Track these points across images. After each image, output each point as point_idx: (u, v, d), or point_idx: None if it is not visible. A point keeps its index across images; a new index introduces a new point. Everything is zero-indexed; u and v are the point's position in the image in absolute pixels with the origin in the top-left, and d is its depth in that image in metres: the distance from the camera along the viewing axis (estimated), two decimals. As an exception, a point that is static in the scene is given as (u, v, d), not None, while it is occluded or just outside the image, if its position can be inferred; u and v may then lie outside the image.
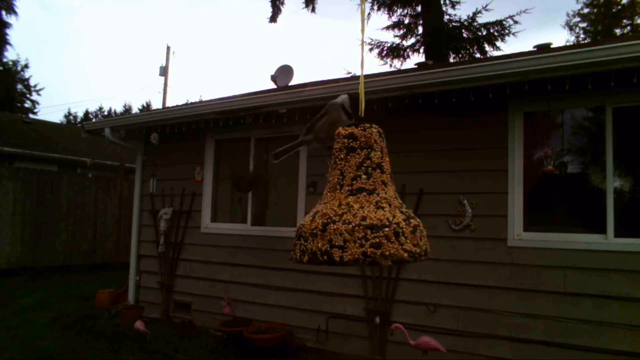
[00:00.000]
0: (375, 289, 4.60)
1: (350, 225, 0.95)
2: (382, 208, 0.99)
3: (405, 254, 0.95)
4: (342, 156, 1.09)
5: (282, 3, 11.68)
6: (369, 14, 11.63)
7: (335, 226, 0.97)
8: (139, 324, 5.08)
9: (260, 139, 5.79)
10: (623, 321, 3.58)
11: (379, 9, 11.74)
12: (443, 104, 4.20)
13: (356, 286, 4.71)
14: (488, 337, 4.06)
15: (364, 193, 1.02)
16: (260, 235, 5.51)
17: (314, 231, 0.99)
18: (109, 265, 10.66)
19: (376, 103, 4.24)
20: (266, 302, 5.35)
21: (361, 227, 0.95)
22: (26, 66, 30.10)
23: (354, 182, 1.05)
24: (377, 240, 0.93)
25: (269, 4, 11.71)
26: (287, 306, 5.18)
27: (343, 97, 1.46)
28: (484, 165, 4.23)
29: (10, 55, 31.71)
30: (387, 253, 0.93)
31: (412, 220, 0.99)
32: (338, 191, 1.06)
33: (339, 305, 4.81)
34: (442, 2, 10.94)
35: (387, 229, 0.94)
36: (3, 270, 9.29)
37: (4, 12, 18.72)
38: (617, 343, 3.58)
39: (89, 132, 6.66)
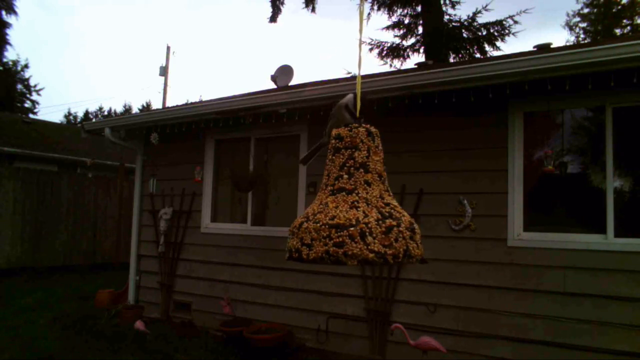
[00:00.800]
0: (375, 289, 4.60)
1: (318, 224, 0.96)
2: (357, 208, 0.98)
3: (371, 255, 0.93)
4: (330, 157, 1.10)
5: (282, 3, 11.69)
6: (369, 14, 11.65)
7: (306, 225, 0.98)
8: (139, 324, 5.08)
9: (260, 139, 5.79)
10: (623, 321, 3.58)
11: (379, 9, 11.74)
12: (443, 104, 4.20)
13: (356, 286, 4.71)
14: (488, 337, 4.06)
15: (343, 193, 1.03)
16: (260, 235, 5.51)
17: (293, 229, 1.02)
18: (109, 265, 10.65)
19: (376, 103, 4.24)
20: (266, 302, 5.35)
21: (326, 226, 0.95)
22: (26, 66, 30.17)
23: (336, 182, 1.06)
24: (341, 239, 0.93)
25: (269, 4, 11.72)
26: (287, 306, 5.18)
27: (348, 97, 1.46)
28: (484, 165, 4.23)
29: (10, 55, 31.79)
30: (350, 253, 0.93)
31: (387, 220, 0.97)
32: (323, 191, 1.07)
33: (339, 305, 4.81)
34: (442, 2, 10.94)
35: (352, 229, 0.94)
36: (3, 270, 9.28)
37: (4, 12, 18.77)
38: (617, 343, 3.58)
39: (89, 132, 6.67)
